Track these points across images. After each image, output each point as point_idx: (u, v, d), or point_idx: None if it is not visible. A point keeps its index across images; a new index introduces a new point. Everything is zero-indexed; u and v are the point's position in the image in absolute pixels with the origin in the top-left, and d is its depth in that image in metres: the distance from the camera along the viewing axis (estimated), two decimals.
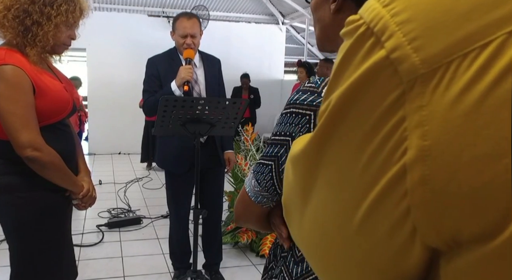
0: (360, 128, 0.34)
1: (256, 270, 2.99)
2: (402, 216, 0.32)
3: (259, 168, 0.77)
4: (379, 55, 0.32)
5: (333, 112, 0.36)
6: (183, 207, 2.63)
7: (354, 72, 0.34)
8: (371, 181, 0.33)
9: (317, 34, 0.83)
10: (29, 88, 1.39)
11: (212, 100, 2.08)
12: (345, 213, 0.36)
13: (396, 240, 0.33)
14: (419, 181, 0.30)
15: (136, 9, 8.06)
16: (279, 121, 0.74)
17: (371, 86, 0.33)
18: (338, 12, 0.75)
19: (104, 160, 7.27)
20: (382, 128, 0.32)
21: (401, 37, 0.31)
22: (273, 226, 0.84)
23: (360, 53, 0.34)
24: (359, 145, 0.34)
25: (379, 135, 0.32)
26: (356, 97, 0.34)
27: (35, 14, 1.42)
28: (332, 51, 0.84)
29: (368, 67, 0.33)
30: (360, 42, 0.34)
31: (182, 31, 2.39)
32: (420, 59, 0.30)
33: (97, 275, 2.88)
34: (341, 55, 0.36)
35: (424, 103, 0.30)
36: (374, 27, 0.33)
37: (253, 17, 8.90)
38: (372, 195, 0.33)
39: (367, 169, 0.33)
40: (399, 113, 0.31)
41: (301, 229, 0.43)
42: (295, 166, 0.44)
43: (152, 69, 2.46)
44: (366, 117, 0.33)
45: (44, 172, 1.44)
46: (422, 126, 0.30)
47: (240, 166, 3.52)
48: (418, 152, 0.30)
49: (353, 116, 0.34)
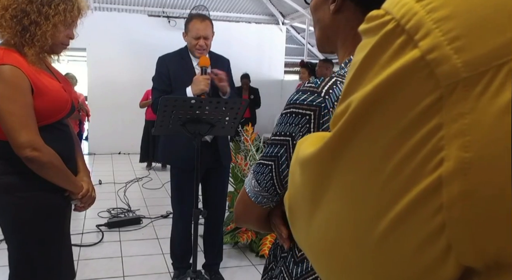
0: (386, 134, 0.31)
1: (256, 270, 2.98)
2: (434, 232, 0.29)
3: (259, 168, 0.77)
4: (412, 56, 0.29)
5: (355, 115, 0.33)
6: (187, 205, 2.62)
7: (381, 72, 0.31)
8: (398, 192, 0.30)
9: (317, 34, 0.83)
10: (27, 88, 1.39)
11: (212, 100, 2.08)
12: (364, 224, 0.33)
13: (424, 257, 0.30)
14: (458, 196, 0.28)
15: (136, 9, 8.06)
16: (279, 121, 0.74)
17: (402, 89, 0.30)
18: (337, 13, 0.75)
19: (104, 160, 7.27)
20: (413, 135, 0.29)
21: (439, 36, 0.28)
22: (273, 227, 0.84)
23: (388, 52, 0.31)
24: (385, 152, 0.31)
25: (409, 143, 0.29)
26: (383, 100, 0.31)
27: (33, 14, 1.41)
28: (332, 52, 0.84)
29: (399, 68, 0.30)
30: (387, 40, 0.31)
31: (195, 33, 2.41)
32: (462, 61, 0.27)
33: (97, 275, 2.88)
34: (363, 53, 0.33)
35: (467, 110, 0.27)
36: (405, 24, 0.30)
37: (253, 17, 8.90)
38: (398, 207, 0.30)
39: (392, 179, 0.31)
40: (434, 120, 0.28)
41: (309, 236, 0.41)
42: (304, 169, 0.41)
43: (162, 68, 2.49)
44: (395, 122, 0.30)
45: (43, 172, 1.44)
46: (463, 136, 0.27)
47: (240, 166, 3.52)
48: (457, 164, 0.27)
49: (378, 120, 0.31)
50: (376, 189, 0.32)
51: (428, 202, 0.29)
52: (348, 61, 0.76)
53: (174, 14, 8.07)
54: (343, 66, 0.76)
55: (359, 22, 0.75)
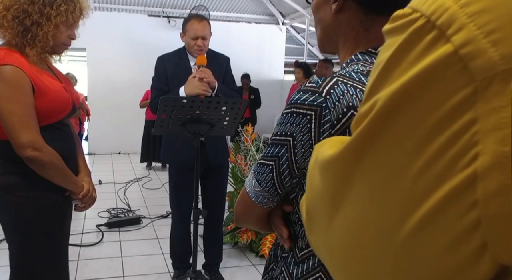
0: (416, 130, 0.30)
1: (256, 270, 2.98)
2: (468, 229, 0.28)
3: (259, 168, 0.77)
4: (444, 50, 0.29)
5: (381, 113, 0.32)
6: (185, 205, 2.63)
7: (410, 69, 0.30)
8: (428, 189, 0.30)
9: (318, 34, 0.83)
10: (28, 88, 1.39)
11: (212, 100, 2.08)
12: (390, 223, 0.32)
13: (456, 257, 0.29)
14: (496, 191, 0.27)
15: (136, 9, 8.06)
16: (280, 121, 0.73)
17: (432, 85, 0.29)
18: (339, 13, 0.75)
19: (104, 160, 7.27)
20: (444, 131, 0.29)
21: (474, 29, 0.28)
22: (273, 227, 0.84)
23: (417, 48, 0.30)
24: (414, 149, 0.30)
25: (440, 139, 0.29)
26: (412, 96, 0.30)
27: (34, 14, 1.41)
28: (333, 52, 0.84)
29: (429, 64, 0.29)
30: (416, 36, 0.30)
31: (193, 34, 2.42)
32: (500, 54, 0.27)
33: (97, 275, 2.88)
34: (389, 52, 0.32)
35: (504, 103, 0.26)
36: (436, 19, 0.29)
37: (253, 17, 8.89)
38: (428, 205, 0.30)
39: (422, 177, 0.30)
40: (467, 115, 0.28)
41: (328, 239, 0.40)
42: (325, 171, 0.40)
43: (160, 68, 2.52)
44: (425, 119, 0.30)
45: (44, 172, 1.44)
46: (500, 129, 0.26)
47: (240, 166, 3.52)
48: (495, 158, 0.27)
49: (407, 117, 0.31)
50: (404, 188, 0.31)
51: (461, 199, 0.28)
52: (350, 61, 0.75)
53: (174, 14, 8.06)
54: (344, 66, 0.76)
55: (360, 22, 0.76)
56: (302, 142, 0.70)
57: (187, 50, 2.52)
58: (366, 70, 0.72)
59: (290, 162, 0.72)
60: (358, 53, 0.75)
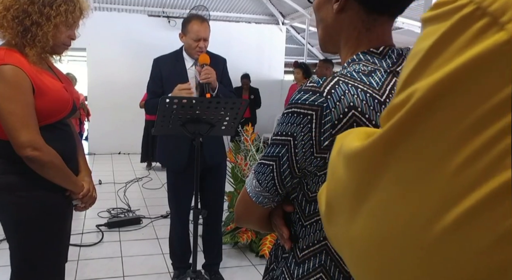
0: (458, 124, 0.28)
1: (256, 271, 2.98)
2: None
3: (260, 168, 0.76)
4: (497, 39, 0.27)
5: (420, 104, 0.30)
6: (184, 206, 2.63)
7: (454, 59, 0.28)
8: (470, 185, 0.28)
9: (319, 34, 0.83)
10: (28, 88, 1.39)
11: (212, 100, 2.08)
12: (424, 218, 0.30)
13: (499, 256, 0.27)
14: None
15: (136, 9, 8.05)
16: (281, 120, 0.73)
17: (481, 76, 0.27)
18: (340, 12, 0.75)
19: (104, 160, 7.26)
20: (490, 126, 0.27)
21: None
22: (274, 227, 0.84)
23: (464, 37, 0.28)
24: (455, 144, 0.29)
25: (485, 134, 0.27)
26: (457, 87, 0.28)
27: (34, 15, 1.41)
28: (335, 52, 0.83)
29: (480, 53, 0.27)
30: (464, 24, 0.28)
31: (195, 35, 2.41)
32: None
33: (97, 275, 2.87)
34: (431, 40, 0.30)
35: None
36: (488, 6, 0.27)
37: (253, 17, 8.89)
38: (470, 201, 0.28)
39: (464, 171, 0.28)
40: None
41: (350, 232, 0.38)
42: (351, 162, 0.39)
43: (155, 70, 2.52)
44: (469, 112, 0.28)
45: (44, 171, 1.44)
46: None
47: (240, 166, 3.51)
48: None
49: (450, 110, 0.29)
50: (441, 183, 0.29)
51: (508, 197, 0.27)
52: (351, 61, 0.75)
53: (174, 14, 8.06)
54: (346, 66, 0.76)
55: (362, 22, 0.75)
56: (302, 142, 0.70)
57: (185, 51, 2.51)
58: (368, 70, 0.71)
59: (291, 162, 0.72)
60: (360, 53, 0.74)
